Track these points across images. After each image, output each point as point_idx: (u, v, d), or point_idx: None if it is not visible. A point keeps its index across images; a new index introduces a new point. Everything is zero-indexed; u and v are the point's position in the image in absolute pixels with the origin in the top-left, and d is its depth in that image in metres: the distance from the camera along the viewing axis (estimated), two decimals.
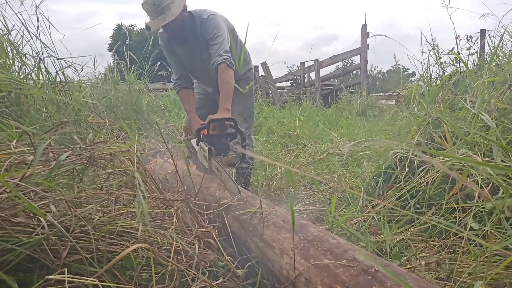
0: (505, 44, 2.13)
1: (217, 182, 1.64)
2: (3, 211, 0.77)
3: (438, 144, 1.66)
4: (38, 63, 1.69)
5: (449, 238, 1.34)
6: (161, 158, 2.37)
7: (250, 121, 2.36)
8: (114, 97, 4.06)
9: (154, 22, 1.96)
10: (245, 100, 2.29)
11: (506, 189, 1.10)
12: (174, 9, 1.93)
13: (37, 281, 0.74)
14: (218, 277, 1.02)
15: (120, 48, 4.47)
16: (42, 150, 0.89)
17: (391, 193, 1.70)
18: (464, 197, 1.42)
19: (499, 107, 1.52)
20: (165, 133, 3.86)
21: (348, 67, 12.64)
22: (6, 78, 1.55)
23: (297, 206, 1.97)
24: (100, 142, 1.18)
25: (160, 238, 0.99)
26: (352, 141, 3.26)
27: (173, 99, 6.02)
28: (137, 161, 1.16)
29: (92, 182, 1.13)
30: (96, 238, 0.85)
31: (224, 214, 1.29)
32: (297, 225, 0.98)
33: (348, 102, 7.60)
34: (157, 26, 1.97)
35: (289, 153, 3.60)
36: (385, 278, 0.66)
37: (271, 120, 5.09)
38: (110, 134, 1.82)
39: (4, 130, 1.28)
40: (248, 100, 2.34)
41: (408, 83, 3.40)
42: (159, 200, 1.22)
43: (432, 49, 2.28)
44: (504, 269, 1.05)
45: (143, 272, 0.92)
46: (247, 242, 1.12)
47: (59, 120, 1.45)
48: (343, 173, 2.42)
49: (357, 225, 1.57)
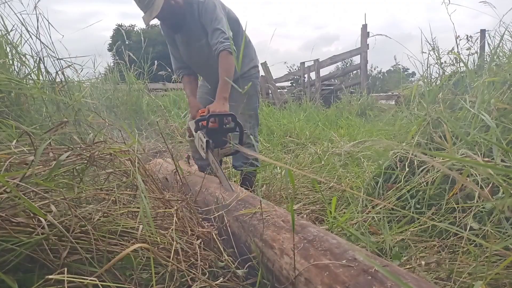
0: (505, 44, 2.13)
1: (217, 182, 1.64)
2: (3, 211, 0.77)
3: (438, 144, 1.66)
4: (38, 63, 1.69)
5: (449, 238, 1.34)
6: (161, 158, 2.37)
7: (253, 120, 2.28)
8: (114, 97, 4.06)
9: (145, 17, 2.01)
10: (248, 98, 2.23)
11: (506, 189, 1.10)
12: (158, 1, 1.95)
13: (37, 281, 0.74)
14: (218, 277, 1.02)
15: (119, 48, 4.47)
16: (42, 150, 0.89)
17: (391, 193, 1.70)
18: (464, 197, 1.42)
19: (499, 107, 1.52)
20: (165, 133, 3.86)
21: (348, 67, 12.65)
22: (6, 78, 1.55)
23: (297, 206, 1.97)
24: (100, 142, 1.18)
25: (160, 238, 0.99)
26: (352, 141, 3.26)
27: (173, 99, 6.02)
28: (137, 161, 1.16)
29: (92, 182, 1.13)
30: (96, 238, 0.85)
31: (224, 214, 1.29)
32: (297, 225, 0.98)
33: (348, 102, 7.60)
34: (148, 21, 2.01)
35: (289, 153, 3.60)
36: (385, 278, 0.66)
37: (271, 120, 5.09)
38: (110, 134, 1.82)
39: (4, 130, 1.28)
40: (252, 98, 2.28)
41: (408, 83, 3.40)
42: (159, 200, 1.22)
43: (432, 49, 2.28)
44: (504, 269, 1.05)
45: (143, 272, 0.92)
46: (247, 242, 1.12)
47: (59, 120, 1.45)
48: (343, 173, 2.42)
49: (357, 225, 1.57)
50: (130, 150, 1.21)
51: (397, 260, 1.20)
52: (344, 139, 3.75)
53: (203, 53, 2.15)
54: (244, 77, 2.27)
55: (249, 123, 2.25)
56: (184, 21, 2.11)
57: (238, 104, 2.16)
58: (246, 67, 2.28)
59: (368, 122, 5.74)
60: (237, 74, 2.14)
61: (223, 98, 1.95)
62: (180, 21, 2.10)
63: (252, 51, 2.35)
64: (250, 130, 2.24)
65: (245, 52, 2.26)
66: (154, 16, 1.97)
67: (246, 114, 2.21)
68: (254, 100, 2.31)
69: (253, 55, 2.34)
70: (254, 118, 2.29)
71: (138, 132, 3.39)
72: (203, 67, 2.27)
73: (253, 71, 2.33)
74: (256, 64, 2.36)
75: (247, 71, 2.29)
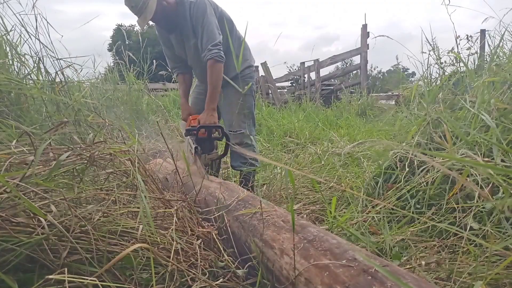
0: (505, 44, 2.13)
1: (217, 182, 1.64)
2: (3, 211, 0.77)
3: (438, 144, 1.66)
4: (37, 63, 1.68)
5: (449, 238, 1.34)
6: (161, 158, 2.37)
7: (248, 120, 2.28)
8: (114, 97, 4.06)
9: (139, 22, 2.04)
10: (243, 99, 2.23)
11: (506, 189, 1.10)
12: (151, 4, 1.97)
13: (37, 281, 0.74)
14: (218, 277, 1.02)
15: (119, 48, 4.47)
16: (42, 150, 0.89)
17: (391, 193, 1.70)
18: (464, 197, 1.42)
19: (499, 107, 1.52)
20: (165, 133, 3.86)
21: (348, 67, 12.64)
22: (6, 78, 1.54)
23: (297, 206, 1.97)
24: (100, 142, 1.18)
25: (160, 238, 0.98)
26: (352, 141, 3.26)
27: (173, 99, 6.02)
28: (137, 161, 1.16)
29: (92, 182, 1.13)
30: (96, 238, 0.84)
31: (224, 214, 1.29)
32: (297, 225, 0.98)
33: (348, 102, 7.61)
34: (143, 25, 2.06)
35: (288, 153, 3.60)
36: (385, 278, 0.66)
37: (271, 120, 5.09)
38: (110, 134, 1.82)
39: (4, 130, 1.28)
40: (247, 98, 2.28)
41: (408, 83, 3.40)
42: (159, 200, 1.22)
43: (432, 49, 2.28)
44: (504, 269, 1.05)
45: (143, 272, 0.92)
46: (247, 242, 1.12)
47: (59, 120, 1.45)
48: (343, 173, 2.42)
49: (357, 225, 1.57)
50: (130, 150, 1.21)
51: (397, 260, 1.20)
52: (344, 139, 3.75)
53: (196, 52, 2.17)
54: (239, 77, 2.29)
55: (245, 123, 2.26)
56: (177, 22, 2.13)
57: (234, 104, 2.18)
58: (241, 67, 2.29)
59: (368, 122, 5.73)
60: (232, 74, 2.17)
61: (211, 109, 2.05)
62: (173, 21, 2.12)
63: (247, 51, 2.36)
64: (247, 130, 2.25)
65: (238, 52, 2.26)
66: (149, 19, 2.00)
67: (242, 113, 2.23)
68: (249, 99, 2.32)
69: (247, 55, 2.35)
70: (250, 118, 2.30)
71: (138, 132, 3.39)
72: (197, 66, 2.29)
73: (248, 71, 2.34)
74: (251, 64, 2.37)
75: (241, 71, 2.30)
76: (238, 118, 2.20)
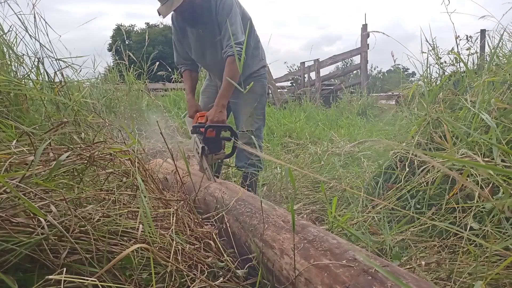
0: (504, 44, 2.13)
1: (217, 182, 1.64)
2: (3, 211, 0.77)
3: (438, 144, 1.66)
4: (37, 63, 1.68)
5: (449, 238, 1.34)
6: (161, 159, 2.37)
7: (261, 121, 2.28)
8: (113, 97, 4.06)
9: (163, 9, 1.96)
10: (258, 99, 2.22)
11: (506, 189, 1.10)
12: None
13: (37, 281, 0.74)
14: (218, 277, 1.02)
15: (119, 48, 4.46)
16: (42, 150, 0.89)
17: (391, 193, 1.70)
18: (464, 197, 1.42)
19: (499, 107, 1.52)
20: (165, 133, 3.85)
21: (348, 67, 12.64)
22: (5, 79, 1.54)
23: (297, 206, 1.97)
24: (100, 142, 1.18)
25: (160, 238, 0.98)
26: (352, 141, 3.26)
27: (173, 99, 6.02)
28: (137, 161, 1.15)
29: (92, 182, 1.13)
30: (96, 238, 0.84)
31: (224, 214, 1.29)
32: (298, 225, 0.98)
33: (348, 102, 7.60)
34: (167, 13, 1.96)
35: (289, 153, 3.60)
36: (385, 278, 0.65)
37: (271, 120, 5.09)
38: (110, 134, 1.82)
39: (4, 130, 1.28)
40: (261, 98, 2.26)
41: (408, 83, 3.39)
42: (159, 200, 1.22)
43: (432, 49, 2.28)
44: (504, 269, 1.05)
45: (143, 272, 0.92)
46: (247, 242, 1.12)
47: (59, 120, 1.45)
48: (343, 173, 2.42)
49: (357, 225, 1.57)
50: (130, 150, 1.21)
51: (397, 260, 1.20)
52: (344, 139, 3.75)
53: (216, 50, 2.13)
54: (254, 76, 2.27)
55: (257, 123, 2.24)
56: (201, 15, 2.07)
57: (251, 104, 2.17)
58: (256, 67, 2.28)
59: (368, 122, 5.73)
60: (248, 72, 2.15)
61: (221, 105, 1.98)
62: (197, 15, 2.07)
63: (261, 51, 2.35)
64: (256, 131, 2.24)
65: (255, 52, 2.27)
66: (175, 6, 1.91)
67: (256, 113, 2.21)
68: (263, 100, 2.31)
69: (262, 55, 2.35)
70: (262, 120, 2.29)
71: (138, 132, 3.39)
72: (215, 64, 2.23)
73: (263, 71, 2.33)
74: (265, 64, 2.37)
75: (257, 70, 2.28)
76: (251, 117, 2.19)
